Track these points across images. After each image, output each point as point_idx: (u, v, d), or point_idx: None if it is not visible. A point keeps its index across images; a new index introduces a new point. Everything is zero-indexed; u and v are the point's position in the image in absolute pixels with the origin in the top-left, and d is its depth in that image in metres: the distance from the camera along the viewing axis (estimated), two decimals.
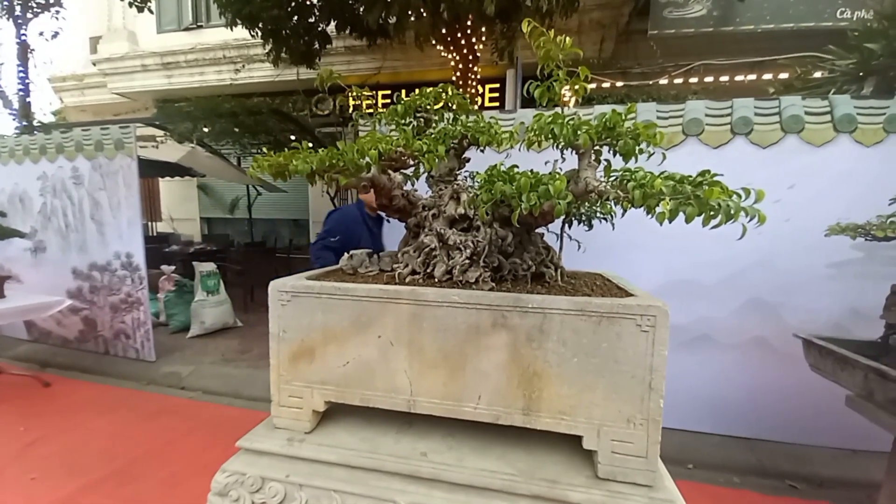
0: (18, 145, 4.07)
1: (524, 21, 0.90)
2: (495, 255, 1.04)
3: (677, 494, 0.87)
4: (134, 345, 3.85)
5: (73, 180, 3.85)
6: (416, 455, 0.97)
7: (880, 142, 2.21)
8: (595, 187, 0.85)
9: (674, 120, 2.45)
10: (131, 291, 3.75)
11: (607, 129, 0.85)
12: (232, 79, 7.19)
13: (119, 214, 3.71)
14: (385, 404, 0.99)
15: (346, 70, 6.80)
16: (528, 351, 0.90)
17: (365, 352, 0.98)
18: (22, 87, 5.86)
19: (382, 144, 0.97)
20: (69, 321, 4.05)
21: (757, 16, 5.19)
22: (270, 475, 0.98)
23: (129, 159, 3.61)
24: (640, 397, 0.86)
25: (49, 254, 4.07)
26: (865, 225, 2.15)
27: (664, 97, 5.40)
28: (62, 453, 2.42)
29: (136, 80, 7.94)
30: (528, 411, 0.91)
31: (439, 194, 1.14)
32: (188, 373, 3.60)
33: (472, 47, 4.73)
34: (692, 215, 0.69)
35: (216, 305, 4.56)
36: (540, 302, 0.89)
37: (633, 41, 5.85)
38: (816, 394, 2.08)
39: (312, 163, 0.97)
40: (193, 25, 7.98)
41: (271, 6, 4.68)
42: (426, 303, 0.94)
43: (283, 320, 1.03)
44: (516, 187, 0.79)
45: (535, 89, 0.93)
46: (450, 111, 1.25)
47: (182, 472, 2.25)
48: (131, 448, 2.47)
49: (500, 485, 0.89)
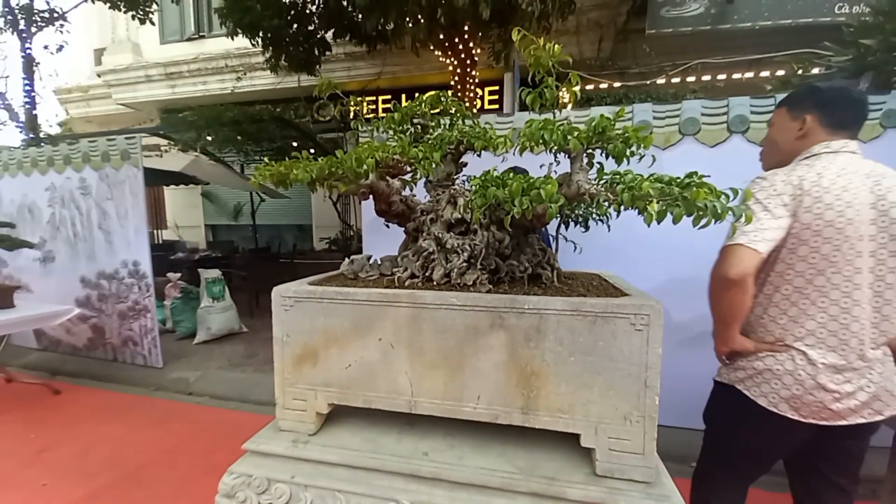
0: (26, 157, 4.14)
1: (514, 30, 0.93)
2: (492, 257, 1.07)
3: (674, 490, 0.88)
4: (142, 351, 3.90)
5: (81, 191, 3.91)
6: (417, 455, 0.99)
7: (877, 137, 2.22)
8: (587, 190, 0.87)
9: (670, 120, 2.47)
10: (138, 299, 3.80)
11: (597, 134, 0.87)
12: (234, 87, 7.28)
13: (126, 223, 3.77)
14: (387, 405, 1.01)
15: (346, 76, 6.87)
16: (525, 351, 0.92)
17: (366, 354, 1.01)
18: (28, 99, 5.95)
19: (379, 153, 1.00)
20: (78, 329, 4.10)
21: (754, 12, 5.19)
22: (276, 476, 1.00)
23: (136, 169, 3.67)
24: (636, 395, 0.88)
25: (58, 263, 4.13)
26: None
27: (662, 96, 5.41)
28: (72, 459, 2.46)
29: (140, 91, 8.05)
30: (526, 410, 0.93)
31: (437, 199, 1.17)
32: (195, 378, 3.64)
33: (470, 51, 4.76)
34: (679, 216, 0.72)
35: (222, 311, 4.61)
36: (536, 303, 0.91)
37: (631, 41, 5.87)
38: None
39: (312, 171, 1.00)
40: (195, 36, 8.09)
41: (271, 15, 4.74)
42: (425, 305, 0.96)
43: (287, 325, 1.06)
44: (509, 192, 0.82)
45: (526, 96, 0.95)
46: (446, 116, 1.28)
47: (190, 475, 2.28)
48: (140, 453, 2.51)
49: (500, 483, 0.91)
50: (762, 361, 1.20)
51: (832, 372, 1.11)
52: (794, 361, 1.15)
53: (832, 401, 1.12)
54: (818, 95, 1.23)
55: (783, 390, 1.16)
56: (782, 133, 1.29)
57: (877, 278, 1.11)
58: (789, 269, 1.16)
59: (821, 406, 1.13)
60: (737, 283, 1.12)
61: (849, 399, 1.11)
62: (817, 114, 1.20)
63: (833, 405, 1.12)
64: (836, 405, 1.12)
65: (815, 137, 1.21)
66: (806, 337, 1.14)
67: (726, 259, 1.13)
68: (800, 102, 1.25)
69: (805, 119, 1.22)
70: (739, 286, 1.12)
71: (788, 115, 1.26)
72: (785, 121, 1.27)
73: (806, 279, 1.13)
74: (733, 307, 1.17)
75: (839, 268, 1.10)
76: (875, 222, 1.10)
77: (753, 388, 1.21)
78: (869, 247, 1.10)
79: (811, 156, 1.20)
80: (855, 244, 1.09)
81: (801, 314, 1.15)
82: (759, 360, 1.20)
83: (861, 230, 1.09)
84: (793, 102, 1.27)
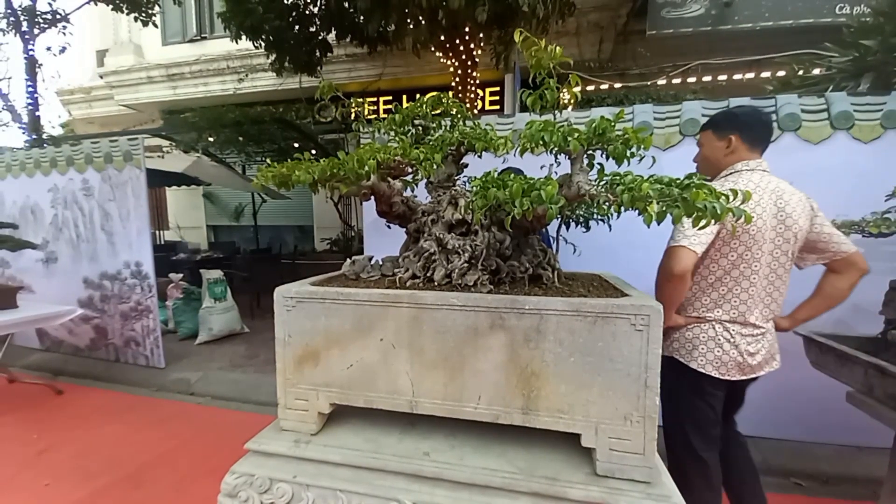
0: (29, 158, 4.17)
1: (516, 31, 0.93)
2: (493, 258, 1.07)
3: (674, 490, 0.88)
4: (144, 352, 3.91)
5: (84, 192, 3.93)
6: (418, 455, 0.99)
7: (878, 138, 2.22)
8: (587, 191, 0.87)
9: (671, 120, 2.47)
10: (141, 300, 3.82)
11: (598, 135, 0.88)
12: (235, 88, 7.30)
13: (128, 224, 3.79)
14: (388, 405, 1.02)
15: (347, 77, 6.90)
16: (525, 351, 0.93)
17: (367, 355, 1.01)
18: (31, 101, 5.97)
19: (380, 154, 1.01)
20: (80, 330, 4.12)
21: (755, 13, 5.20)
22: (278, 476, 1.01)
23: (138, 170, 3.69)
24: (636, 395, 0.88)
25: (60, 264, 4.15)
26: (860, 221, 2.16)
27: (663, 97, 5.41)
28: (74, 459, 2.46)
29: (142, 92, 8.09)
30: (527, 410, 0.94)
31: (438, 200, 1.17)
32: (197, 379, 3.65)
33: (471, 53, 4.78)
34: (679, 217, 0.72)
35: (223, 312, 4.62)
36: (536, 303, 0.91)
37: (631, 42, 5.88)
38: (820, 390, 2.08)
39: (314, 173, 1.00)
40: (197, 37, 8.13)
41: (273, 17, 4.77)
42: (426, 306, 0.97)
43: (289, 325, 1.06)
44: (509, 193, 0.82)
45: (527, 97, 0.96)
46: (447, 117, 1.28)
47: (192, 475, 2.29)
48: (142, 453, 2.52)
49: (501, 482, 0.91)
50: (691, 332, 1.52)
51: (742, 337, 1.46)
52: (714, 330, 1.48)
53: (749, 356, 1.46)
54: (736, 119, 1.51)
55: (708, 353, 1.48)
56: (713, 151, 1.56)
57: (771, 271, 1.45)
58: (713, 263, 1.47)
59: (741, 363, 1.46)
60: (679, 277, 1.38)
61: (757, 356, 1.47)
62: (738, 134, 1.50)
63: (749, 360, 1.46)
64: (751, 360, 1.46)
65: (739, 154, 1.51)
66: (724, 313, 1.47)
67: (672, 257, 1.38)
68: (722, 125, 1.53)
69: (731, 139, 1.50)
70: (681, 279, 1.38)
71: (714, 136, 1.54)
72: (712, 141, 1.55)
73: (725, 271, 1.46)
74: (674, 295, 1.44)
75: (749, 264, 1.43)
76: (775, 229, 1.42)
77: (686, 355, 1.52)
78: (769, 248, 1.43)
79: (734, 172, 1.49)
80: (761, 246, 1.42)
81: (720, 297, 1.47)
82: (689, 330, 1.52)
83: (766, 235, 1.41)
84: (716, 125, 1.55)
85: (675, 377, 1.51)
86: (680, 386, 1.54)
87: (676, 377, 1.52)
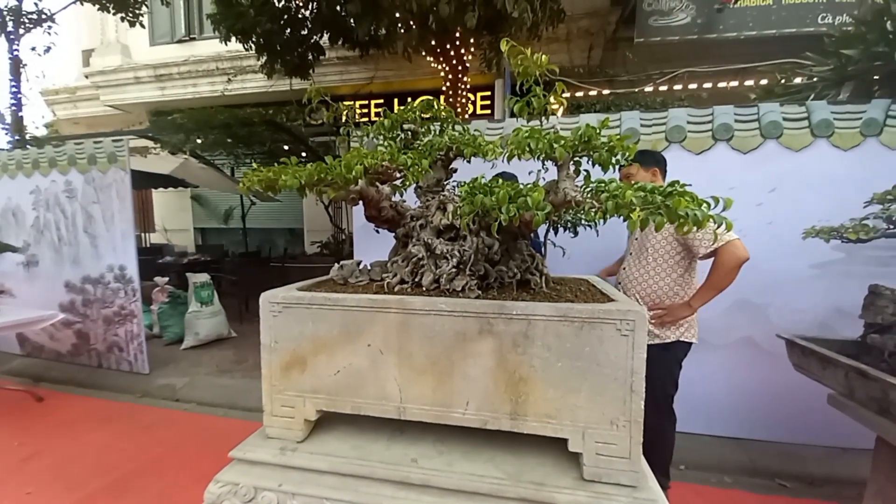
0: (11, 160, 4.07)
1: (503, 41, 0.94)
2: (482, 263, 1.07)
3: (660, 494, 0.89)
4: (127, 357, 3.83)
5: (67, 194, 3.85)
6: (406, 461, 0.99)
7: (857, 145, 2.28)
8: (573, 197, 0.88)
9: (657, 127, 2.51)
10: (124, 304, 3.74)
11: (583, 143, 0.89)
12: (224, 90, 7.23)
13: (112, 227, 3.71)
14: (376, 412, 1.01)
15: (339, 80, 6.88)
16: (513, 356, 0.93)
17: (355, 360, 1.01)
18: (14, 101, 5.85)
19: (368, 159, 1.00)
20: (62, 335, 4.02)
21: (740, 23, 5.32)
22: (263, 484, 0.99)
23: (123, 172, 3.62)
24: (623, 399, 0.89)
25: (42, 268, 4.05)
26: (840, 228, 2.21)
27: (650, 104, 5.49)
28: (57, 467, 2.40)
29: (129, 93, 7.97)
30: (515, 415, 0.94)
31: (426, 205, 1.18)
32: (182, 384, 3.59)
33: (461, 57, 4.80)
34: (661, 224, 0.73)
35: (210, 316, 4.55)
36: (524, 309, 0.92)
37: (620, 49, 5.97)
38: (805, 392, 2.11)
39: (301, 177, 1.00)
40: (186, 38, 8.04)
41: (264, 20, 4.74)
42: (414, 311, 0.96)
43: (275, 331, 1.05)
44: (496, 199, 0.83)
45: (514, 105, 0.97)
46: (437, 122, 1.29)
47: (177, 484, 2.25)
48: (126, 461, 2.46)
49: (489, 489, 0.91)
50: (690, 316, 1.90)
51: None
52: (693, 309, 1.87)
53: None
54: (652, 156, 1.99)
55: (692, 328, 1.91)
56: (645, 180, 1.78)
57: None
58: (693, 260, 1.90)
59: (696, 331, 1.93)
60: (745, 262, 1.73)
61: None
62: (657, 167, 1.97)
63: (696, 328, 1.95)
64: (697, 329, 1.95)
65: (659, 181, 1.92)
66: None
67: (739, 247, 1.71)
68: (647, 160, 1.96)
69: (655, 171, 1.96)
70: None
71: (643, 168, 1.95)
72: (642, 172, 1.95)
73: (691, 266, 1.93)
74: (731, 281, 1.76)
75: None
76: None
77: (687, 333, 1.90)
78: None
79: None
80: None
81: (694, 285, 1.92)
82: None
83: None
84: (642, 160, 1.94)
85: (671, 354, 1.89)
86: (674, 357, 1.91)
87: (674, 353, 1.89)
